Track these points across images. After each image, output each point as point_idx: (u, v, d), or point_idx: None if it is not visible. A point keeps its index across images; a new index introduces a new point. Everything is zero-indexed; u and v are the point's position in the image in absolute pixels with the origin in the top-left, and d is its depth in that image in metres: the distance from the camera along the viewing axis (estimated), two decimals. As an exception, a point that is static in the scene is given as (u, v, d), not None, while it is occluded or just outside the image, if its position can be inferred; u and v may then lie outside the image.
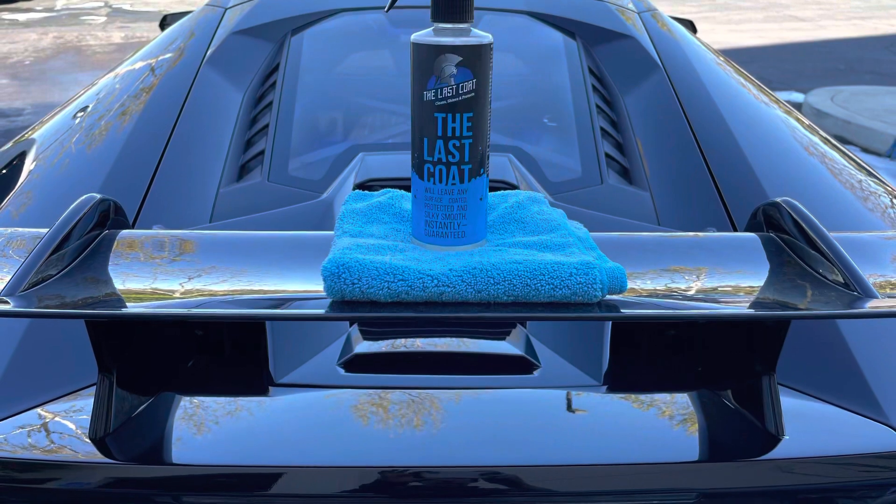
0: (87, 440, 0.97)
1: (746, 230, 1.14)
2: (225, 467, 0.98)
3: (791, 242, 1.03)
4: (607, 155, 1.66)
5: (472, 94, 0.89)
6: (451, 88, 0.88)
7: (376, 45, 2.17)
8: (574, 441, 1.06)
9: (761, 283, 0.99)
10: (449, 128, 0.89)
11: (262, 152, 1.64)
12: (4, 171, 1.68)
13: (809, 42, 9.72)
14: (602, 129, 1.73)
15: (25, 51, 9.25)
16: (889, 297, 0.97)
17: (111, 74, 2.08)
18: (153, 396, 1.04)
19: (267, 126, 1.71)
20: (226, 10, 2.12)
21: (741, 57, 8.75)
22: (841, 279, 0.92)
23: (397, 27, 2.12)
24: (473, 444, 1.04)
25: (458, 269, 0.88)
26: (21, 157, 1.71)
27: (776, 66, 8.36)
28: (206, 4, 2.24)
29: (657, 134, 1.73)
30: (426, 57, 0.88)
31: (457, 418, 1.09)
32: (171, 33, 2.19)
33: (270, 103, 1.77)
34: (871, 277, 0.94)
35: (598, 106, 1.79)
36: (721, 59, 2.15)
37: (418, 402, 1.08)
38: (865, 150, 5.64)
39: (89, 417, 0.97)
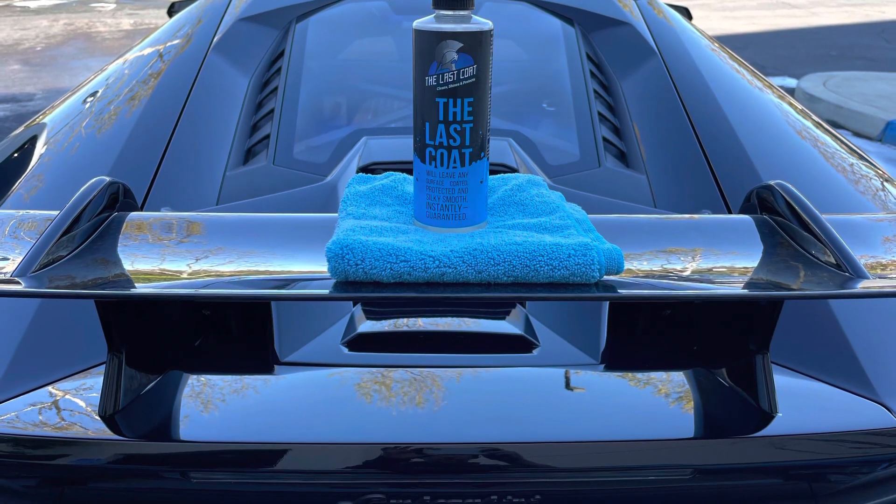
0: (97, 417, 0.99)
1: (741, 212, 1.15)
2: (231, 444, 1.00)
3: (784, 224, 1.05)
4: (605, 139, 1.68)
5: (473, 79, 0.90)
6: (453, 74, 0.89)
7: (379, 32, 2.18)
8: (572, 418, 1.08)
9: (755, 264, 1.01)
10: (450, 112, 0.90)
11: (267, 136, 1.65)
12: (16, 155, 1.69)
13: (802, 29, 9.74)
14: (600, 113, 1.74)
15: (37, 37, 9.28)
16: (880, 277, 0.98)
17: (120, 60, 2.09)
18: (161, 375, 1.06)
19: (272, 111, 1.72)
20: None
21: (735, 43, 8.71)
22: (833, 260, 0.94)
23: (400, 14, 2.13)
24: (474, 421, 1.06)
25: (458, 251, 0.90)
26: (32, 140, 1.72)
27: (769, 52, 8.38)
28: None
29: (654, 118, 1.74)
30: (428, 43, 0.89)
31: (458, 396, 1.10)
32: (179, 20, 2.20)
33: (276, 88, 1.78)
34: (862, 258, 0.96)
35: (595, 91, 1.81)
36: (715, 45, 2.16)
37: (420, 381, 1.09)
38: (857, 135, 5.67)
39: (99, 395, 0.99)
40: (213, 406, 1.04)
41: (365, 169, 1.48)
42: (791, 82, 7.03)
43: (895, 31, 9.61)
